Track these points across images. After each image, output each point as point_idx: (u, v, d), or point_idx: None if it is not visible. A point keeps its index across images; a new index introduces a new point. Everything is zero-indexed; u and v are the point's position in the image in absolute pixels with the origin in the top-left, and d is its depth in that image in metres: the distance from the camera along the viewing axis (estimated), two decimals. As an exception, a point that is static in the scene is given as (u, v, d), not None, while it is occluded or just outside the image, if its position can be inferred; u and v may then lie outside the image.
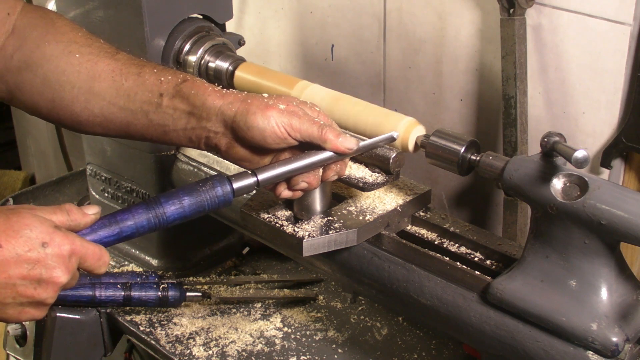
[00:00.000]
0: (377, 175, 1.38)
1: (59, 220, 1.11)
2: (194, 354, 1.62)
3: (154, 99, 1.27)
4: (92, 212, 1.15)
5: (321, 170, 1.26)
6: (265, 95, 1.25)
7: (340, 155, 1.23)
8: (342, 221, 1.38)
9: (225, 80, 1.63)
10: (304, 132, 1.21)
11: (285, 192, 1.26)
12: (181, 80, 1.27)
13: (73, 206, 1.14)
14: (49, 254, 1.06)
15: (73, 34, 1.33)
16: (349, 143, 1.22)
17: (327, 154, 1.23)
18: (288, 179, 1.25)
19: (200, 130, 1.25)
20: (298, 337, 1.67)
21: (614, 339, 1.13)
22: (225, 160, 1.51)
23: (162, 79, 1.28)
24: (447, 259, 1.35)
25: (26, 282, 1.06)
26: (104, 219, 1.15)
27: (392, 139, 1.28)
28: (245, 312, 1.74)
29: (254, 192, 1.40)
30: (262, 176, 1.21)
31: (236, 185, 1.20)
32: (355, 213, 1.40)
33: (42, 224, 1.08)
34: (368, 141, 1.27)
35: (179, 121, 1.26)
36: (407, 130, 1.36)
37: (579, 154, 1.07)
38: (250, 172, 1.21)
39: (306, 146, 1.24)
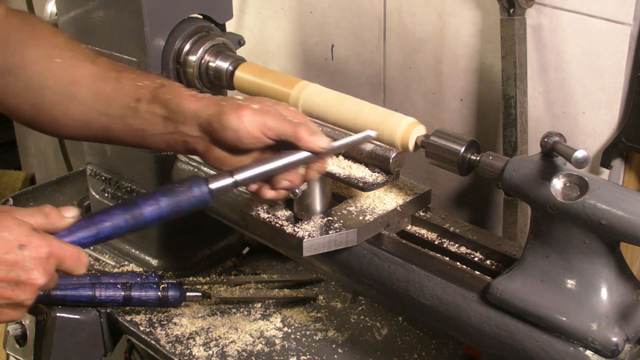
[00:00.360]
0: (377, 175, 1.38)
1: (37, 223, 1.11)
2: (194, 354, 1.62)
3: (132, 104, 1.28)
4: (70, 214, 1.15)
5: (302, 169, 1.26)
6: (240, 97, 1.27)
7: (316, 155, 1.24)
8: (342, 221, 1.38)
9: (225, 80, 1.63)
10: (278, 130, 1.22)
11: (269, 193, 1.27)
12: (158, 85, 1.28)
13: (52, 208, 1.14)
14: (27, 256, 1.06)
15: (54, 38, 1.34)
16: (322, 142, 1.22)
17: (304, 154, 1.23)
18: (269, 179, 1.25)
19: (177, 135, 1.26)
20: (298, 337, 1.67)
21: (614, 339, 1.13)
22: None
23: (140, 84, 1.29)
24: (447, 259, 1.35)
25: (4, 284, 1.06)
26: (82, 221, 1.15)
27: (369, 138, 1.28)
28: (245, 312, 1.74)
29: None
30: (239, 176, 1.21)
31: (213, 185, 1.20)
32: (355, 213, 1.40)
33: (20, 227, 1.08)
34: (344, 140, 1.27)
35: (156, 126, 1.27)
36: (407, 130, 1.36)
37: (579, 154, 1.07)
38: (227, 172, 1.22)
39: (285, 146, 1.24)
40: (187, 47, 1.64)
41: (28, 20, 1.37)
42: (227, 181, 1.21)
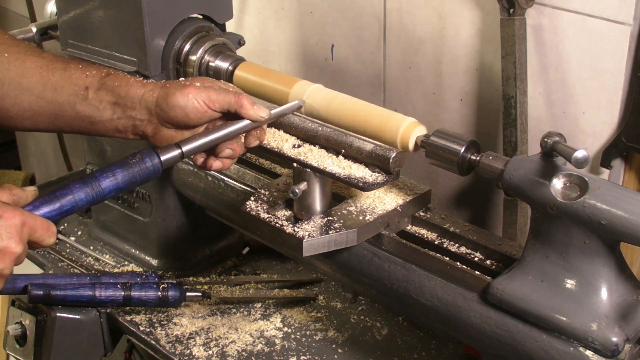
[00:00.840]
0: (377, 175, 1.38)
1: (3, 197, 1.16)
2: (194, 354, 1.62)
3: (80, 92, 1.34)
4: (30, 189, 1.21)
5: (243, 137, 1.34)
6: (182, 79, 1.36)
7: (256, 123, 1.32)
8: (342, 221, 1.38)
9: (225, 79, 1.63)
10: (222, 101, 1.30)
11: (215, 163, 1.34)
12: (105, 74, 1.35)
13: (11, 185, 1.20)
14: (2, 225, 1.11)
15: (0, 36, 1.39)
16: (261, 112, 1.32)
17: (244, 122, 1.32)
18: (213, 150, 1.33)
19: (126, 120, 1.33)
20: (298, 337, 1.67)
21: (614, 339, 1.13)
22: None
23: (87, 73, 1.35)
24: (447, 259, 1.35)
25: None
26: (45, 196, 1.21)
27: (299, 107, 1.41)
28: (245, 312, 1.74)
29: (258, 193, 1.40)
30: (186, 147, 1.29)
31: (163, 157, 1.28)
32: (355, 213, 1.40)
33: None
34: (278, 109, 1.37)
35: (104, 112, 1.34)
36: (407, 130, 1.36)
37: (579, 154, 1.07)
38: (175, 144, 1.29)
39: (227, 118, 1.33)
40: (187, 47, 1.64)
41: None
42: (175, 152, 1.29)
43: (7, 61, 1.35)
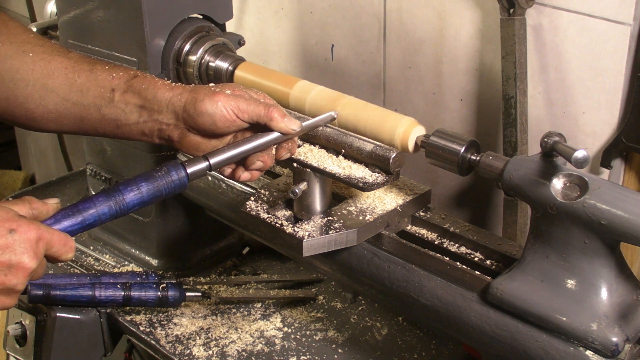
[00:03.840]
0: (377, 175, 1.38)
1: (22, 210, 1.14)
2: (194, 354, 1.62)
3: (106, 94, 1.31)
4: (52, 202, 1.18)
5: (274, 149, 1.31)
6: (212, 84, 1.31)
7: (286, 135, 1.29)
8: (342, 221, 1.38)
9: (225, 79, 1.63)
10: (251, 112, 1.26)
11: (244, 175, 1.31)
12: (132, 76, 1.32)
13: (33, 197, 1.17)
14: (17, 239, 1.08)
15: (25, 35, 1.36)
16: (293, 124, 1.28)
17: (274, 135, 1.28)
18: (242, 161, 1.29)
19: (152, 123, 1.30)
20: (298, 337, 1.67)
21: (614, 339, 1.13)
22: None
23: (114, 75, 1.32)
24: (447, 259, 1.35)
25: None
26: (67, 209, 1.18)
27: (332, 118, 1.37)
28: (245, 312, 1.74)
29: (258, 193, 1.40)
30: (213, 160, 1.26)
31: (190, 169, 1.24)
32: (355, 213, 1.40)
33: (8, 213, 1.10)
34: (310, 121, 1.34)
35: (131, 115, 1.31)
36: (407, 130, 1.36)
37: (579, 154, 1.07)
38: (202, 157, 1.26)
39: (256, 129, 1.29)
40: (187, 47, 1.64)
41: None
42: (202, 165, 1.25)
43: (32, 61, 1.33)
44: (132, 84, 1.30)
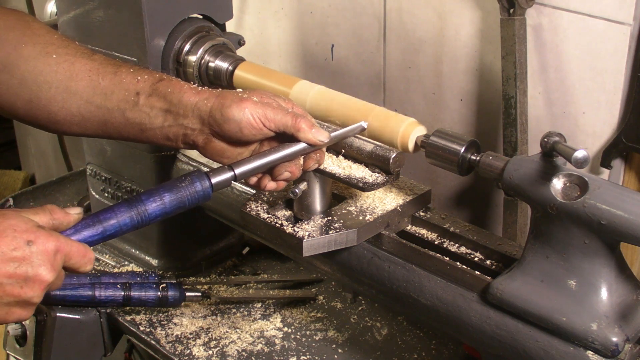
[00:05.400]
0: (377, 175, 1.38)
1: (42, 221, 1.11)
2: (194, 354, 1.62)
3: (131, 98, 1.29)
4: (74, 212, 1.15)
5: (302, 159, 1.28)
6: (239, 90, 1.28)
7: (313, 147, 1.26)
8: (342, 221, 1.38)
9: (225, 79, 1.63)
10: (278, 122, 1.24)
11: (270, 184, 1.28)
12: (157, 79, 1.29)
13: (55, 206, 1.14)
14: (34, 252, 1.06)
15: (49, 36, 1.34)
16: (321, 135, 1.25)
17: (301, 145, 1.25)
18: (270, 170, 1.27)
19: (177, 128, 1.28)
20: (298, 337, 1.67)
21: (614, 339, 1.13)
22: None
23: (139, 78, 1.30)
24: (447, 259, 1.35)
25: (12, 280, 1.06)
26: (87, 219, 1.15)
27: (362, 129, 1.32)
28: (245, 312, 1.74)
29: (258, 193, 1.40)
30: (238, 170, 1.23)
31: (214, 180, 1.21)
32: (355, 213, 1.40)
33: (27, 224, 1.08)
34: (339, 132, 1.30)
35: (155, 119, 1.28)
36: (407, 130, 1.36)
37: (579, 154, 1.07)
38: (227, 166, 1.23)
39: (282, 138, 1.26)
40: (187, 47, 1.64)
41: (22, 19, 1.37)
42: (227, 175, 1.22)
43: (55, 63, 1.31)
44: (157, 88, 1.28)
